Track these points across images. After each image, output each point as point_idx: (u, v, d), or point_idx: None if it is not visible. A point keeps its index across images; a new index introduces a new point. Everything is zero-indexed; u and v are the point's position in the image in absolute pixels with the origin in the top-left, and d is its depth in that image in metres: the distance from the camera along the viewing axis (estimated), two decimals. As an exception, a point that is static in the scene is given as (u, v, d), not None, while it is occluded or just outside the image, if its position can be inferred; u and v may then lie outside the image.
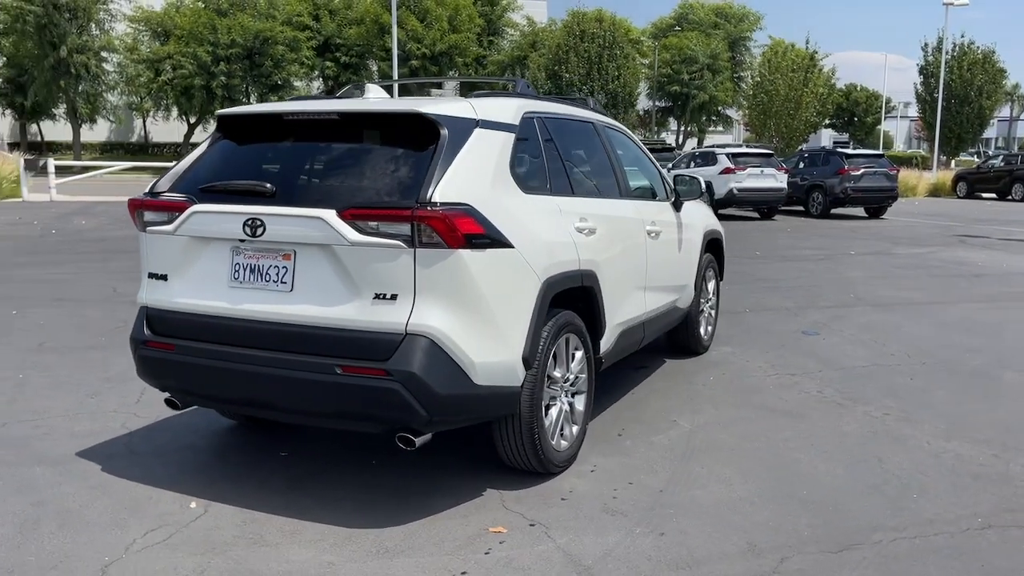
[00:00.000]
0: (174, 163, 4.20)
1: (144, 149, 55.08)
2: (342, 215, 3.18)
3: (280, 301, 3.36)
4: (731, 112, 59.82)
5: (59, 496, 3.64)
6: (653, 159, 5.63)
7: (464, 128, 3.49)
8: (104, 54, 45.53)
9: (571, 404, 4.04)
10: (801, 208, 21.46)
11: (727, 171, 19.41)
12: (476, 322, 3.31)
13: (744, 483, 3.87)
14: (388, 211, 3.16)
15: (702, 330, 6.29)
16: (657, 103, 56.41)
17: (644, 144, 6.28)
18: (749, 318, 7.79)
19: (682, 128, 58.40)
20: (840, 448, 4.34)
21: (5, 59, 45.56)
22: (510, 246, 3.42)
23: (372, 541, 3.25)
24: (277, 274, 3.37)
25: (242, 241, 3.40)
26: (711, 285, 6.43)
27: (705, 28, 56.34)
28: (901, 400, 5.20)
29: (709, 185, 17.15)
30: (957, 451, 4.30)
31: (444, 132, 3.38)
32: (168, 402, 3.83)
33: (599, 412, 4.87)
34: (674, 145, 38.16)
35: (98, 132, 53.22)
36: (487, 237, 3.31)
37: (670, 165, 21.83)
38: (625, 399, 5.18)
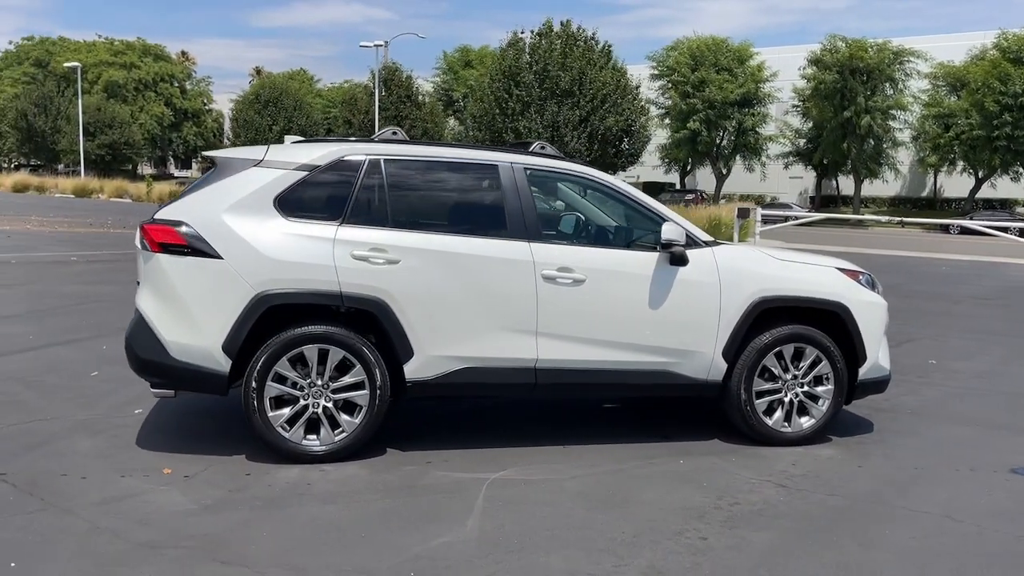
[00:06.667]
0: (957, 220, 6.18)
1: (931, 204, 53.83)
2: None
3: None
4: None
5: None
6: (644, 205, 5.02)
7: (239, 166, 4.56)
8: (892, 112, 46.92)
9: (330, 410, 4.47)
10: None
11: None
12: (171, 309, 4.39)
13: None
14: (142, 225, 4.56)
15: (772, 417, 4.94)
16: None
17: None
18: (968, 432, 5.20)
19: None
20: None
21: (811, 122, 51.01)
22: (218, 257, 4.33)
23: (113, 439, 4.77)
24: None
25: None
26: (808, 365, 4.96)
27: None
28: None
29: None
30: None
31: (216, 169, 4.61)
32: None
33: (498, 445, 4.90)
34: None
35: (891, 186, 54.23)
36: (188, 247, 4.34)
37: None
38: (555, 449, 4.89)
